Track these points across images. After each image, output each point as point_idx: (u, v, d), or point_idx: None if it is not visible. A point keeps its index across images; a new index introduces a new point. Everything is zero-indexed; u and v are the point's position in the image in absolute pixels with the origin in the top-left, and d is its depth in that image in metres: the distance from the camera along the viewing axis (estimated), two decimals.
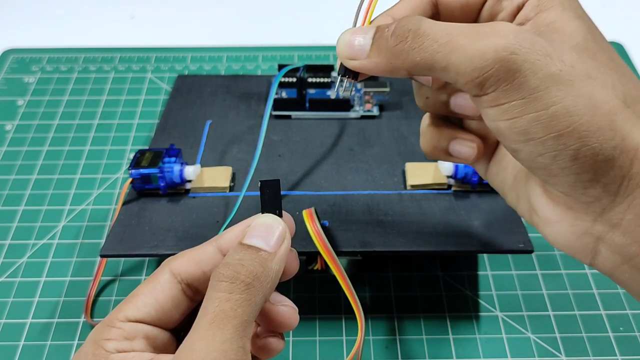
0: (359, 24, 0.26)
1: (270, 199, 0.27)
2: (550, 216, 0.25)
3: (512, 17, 0.26)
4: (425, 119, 0.30)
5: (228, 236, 0.27)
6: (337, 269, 0.30)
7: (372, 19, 0.26)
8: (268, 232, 0.26)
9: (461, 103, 0.27)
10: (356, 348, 0.30)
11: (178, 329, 0.27)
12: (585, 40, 0.24)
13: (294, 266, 0.28)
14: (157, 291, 0.26)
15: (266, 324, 0.27)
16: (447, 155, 0.29)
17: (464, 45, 0.22)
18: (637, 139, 0.22)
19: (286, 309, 0.27)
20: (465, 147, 0.28)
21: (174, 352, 0.26)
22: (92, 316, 0.39)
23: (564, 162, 0.22)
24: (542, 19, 0.24)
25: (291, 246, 0.27)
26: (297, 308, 0.27)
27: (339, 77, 0.27)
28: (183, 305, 0.27)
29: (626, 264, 0.24)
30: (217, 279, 0.24)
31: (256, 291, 0.24)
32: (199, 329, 0.23)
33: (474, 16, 0.27)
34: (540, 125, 0.22)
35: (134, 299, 0.26)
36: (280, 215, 0.27)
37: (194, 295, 0.27)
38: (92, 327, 0.39)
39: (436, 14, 0.27)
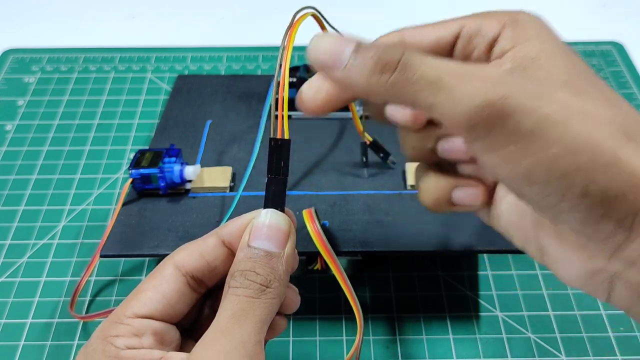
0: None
1: (275, 196, 0.27)
2: (562, 257, 0.24)
3: (487, 54, 0.25)
4: (419, 172, 0.29)
5: (230, 229, 0.27)
6: (337, 269, 0.30)
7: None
8: (274, 232, 0.26)
9: (450, 147, 0.26)
10: (355, 348, 0.30)
11: (183, 324, 0.27)
12: (572, 77, 0.23)
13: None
14: (162, 286, 0.26)
15: None
16: (451, 206, 0.27)
17: (452, 86, 0.21)
18: None
19: (288, 292, 0.27)
20: (470, 194, 0.27)
21: (180, 347, 0.27)
22: (82, 311, 0.39)
23: (572, 200, 0.21)
24: (523, 52, 0.23)
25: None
26: (297, 289, 0.28)
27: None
28: (188, 298, 0.27)
29: None
30: (234, 285, 0.25)
31: (272, 294, 0.25)
32: (219, 323, 0.24)
33: (445, 56, 0.25)
34: (542, 167, 0.21)
35: (140, 294, 0.26)
36: (282, 212, 0.27)
37: (199, 287, 0.27)
38: (78, 321, 0.39)
39: None
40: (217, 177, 0.41)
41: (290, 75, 0.48)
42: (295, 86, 0.48)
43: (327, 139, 0.45)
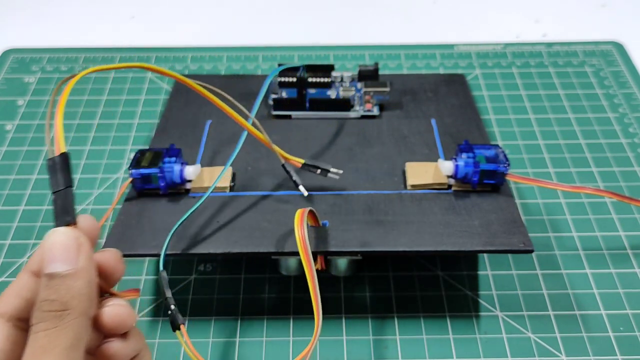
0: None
1: (62, 209, 0.25)
2: None
3: None
4: None
5: (35, 258, 0.26)
6: (311, 273, 0.30)
7: None
8: (60, 251, 0.24)
9: None
10: (307, 350, 0.30)
11: None
12: None
13: (119, 267, 0.27)
14: None
15: (95, 330, 0.26)
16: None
17: None
18: None
19: (109, 310, 0.26)
20: None
21: None
22: None
23: None
24: None
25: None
26: (126, 304, 0.26)
27: None
28: (23, 340, 0.25)
29: None
30: (33, 323, 0.23)
31: (72, 315, 0.23)
32: None
33: None
34: None
35: None
36: (74, 222, 0.25)
37: (28, 326, 0.25)
38: None
39: None
40: (217, 177, 0.41)
41: (290, 76, 0.48)
42: (295, 86, 0.48)
43: (327, 139, 0.45)
